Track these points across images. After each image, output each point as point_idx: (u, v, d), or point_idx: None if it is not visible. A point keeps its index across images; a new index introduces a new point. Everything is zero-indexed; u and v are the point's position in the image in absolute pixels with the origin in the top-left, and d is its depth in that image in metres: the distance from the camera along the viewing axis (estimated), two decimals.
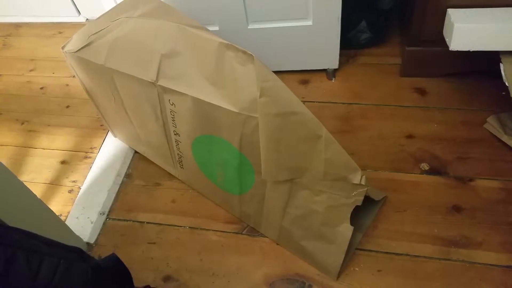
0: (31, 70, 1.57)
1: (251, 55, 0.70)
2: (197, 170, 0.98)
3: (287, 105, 0.71)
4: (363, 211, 0.93)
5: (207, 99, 0.77)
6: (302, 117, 0.71)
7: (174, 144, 0.97)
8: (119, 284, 0.64)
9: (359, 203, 0.76)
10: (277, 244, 0.96)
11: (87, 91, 1.10)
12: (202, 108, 0.80)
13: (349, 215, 0.79)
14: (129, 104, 0.98)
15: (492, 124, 1.10)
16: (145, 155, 1.16)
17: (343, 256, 0.85)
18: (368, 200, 0.87)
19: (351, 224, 0.80)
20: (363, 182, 0.73)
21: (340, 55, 1.25)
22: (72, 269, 0.55)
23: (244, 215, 0.99)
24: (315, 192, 0.80)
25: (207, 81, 0.77)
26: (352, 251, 0.92)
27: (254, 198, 0.90)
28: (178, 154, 0.99)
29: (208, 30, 0.82)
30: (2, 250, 0.51)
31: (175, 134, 0.93)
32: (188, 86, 0.80)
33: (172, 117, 0.89)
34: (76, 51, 0.93)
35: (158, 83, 0.82)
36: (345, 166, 0.73)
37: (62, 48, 0.98)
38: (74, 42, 0.96)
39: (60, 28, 1.74)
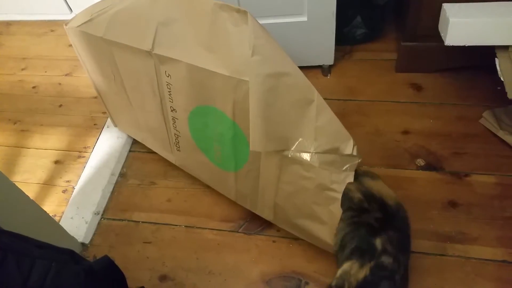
0: (23, 69, 1.55)
1: (245, 11, 0.68)
2: (195, 148, 0.97)
3: (279, 65, 0.68)
4: None
5: (200, 65, 0.76)
6: (295, 79, 0.68)
7: (171, 122, 0.96)
8: (113, 286, 0.63)
9: (351, 179, 0.73)
10: (274, 223, 0.95)
11: (88, 72, 1.10)
12: (196, 76, 0.79)
13: (340, 195, 0.75)
14: (128, 81, 0.97)
15: (487, 119, 1.10)
16: (144, 142, 1.16)
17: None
18: None
19: None
20: (355, 153, 0.70)
21: (336, 51, 1.25)
22: (64, 272, 0.54)
23: (240, 196, 0.97)
24: (305, 167, 0.77)
25: (201, 46, 0.76)
26: None
27: (250, 174, 0.88)
28: (175, 134, 0.98)
29: None
30: None
31: (172, 111, 0.92)
32: (182, 52, 0.79)
33: (169, 91, 0.88)
34: (78, 26, 0.94)
35: (153, 52, 0.82)
36: (337, 134, 0.70)
37: (65, 25, 0.99)
38: (77, 19, 0.97)
39: (52, 26, 1.72)
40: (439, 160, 1.06)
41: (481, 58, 1.07)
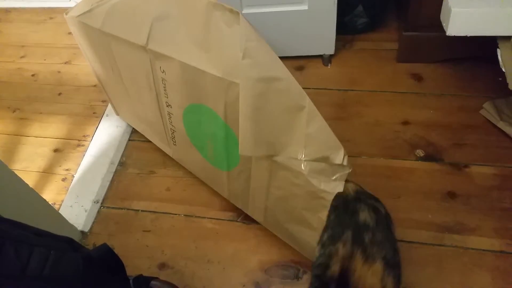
0: (21, 57, 1.54)
1: (237, 12, 0.67)
2: (189, 145, 0.96)
3: (270, 69, 0.67)
4: None
5: (193, 64, 0.75)
6: (286, 84, 0.67)
7: (167, 117, 0.95)
8: (111, 274, 0.63)
9: (340, 189, 0.71)
10: (264, 226, 0.95)
11: (88, 61, 1.09)
12: (189, 74, 0.78)
13: (329, 203, 0.72)
14: (125, 74, 0.97)
15: (488, 110, 1.09)
16: (143, 133, 1.16)
17: None
18: None
19: None
20: (345, 163, 0.69)
21: (336, 40, 1.24)
22: (63, 260, 0.55)
23: (232, 195, 0.97)
24: (294, 174, 0.75)
25: (195, 45, 0.75)
26: None
27: (241, 175, 0.87)
28: (171, 129, 0.98)
29: None
30: None
31: (167, 106, 0.92)
32: (176, 49, 0.78)
33: (164, 87, 0.87)
34: (77, 15, 0.94)
35: (148, 47, 0.81)
36: (327, 143, 0.68)
37: (66, 14, 0.99)
38: (77, 8, 0.96)
39: (51, 14, 1.70)
40: (438, 151, 1.06)
41: (482, 48, 1.05)
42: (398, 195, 0.99)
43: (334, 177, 0.71)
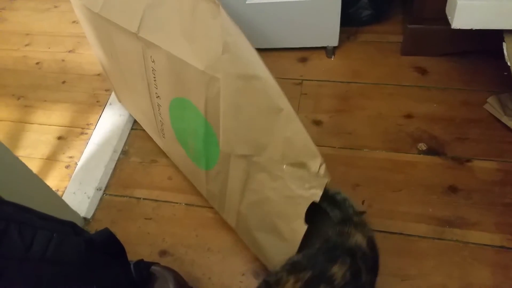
0: (26, 45, 1.55)
1: (218, 4, 0.64)
2: (174, 139, 0.95)
3: (249, 66, 0.64)
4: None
5: (178, 55, 0.73)
6: (264, 83, 0.63)
7: (157, 108, 0.94)
8: (113, 257, 0.64)
9: (317, 199, 0.66)
10: (236, 231, 0.93)
11: (93, 47, 1.09)
12: (174, 65, 0.76)
13: (304, 211, 0.69)
14: (123, 61, 0.96)
15: (492, 105, 1.09)
16: (140, 123, 1.16)
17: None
18: None
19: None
20: (321, 172, 0.64)
21: (340, 32, 1.23)
22: (65, 242, 0.55)
23: (210, 195, 0.95)
24: (273, 177, 0.72)
25: (182, 35, 0.73)
26: None
27: (219, 175, 0.86)
28: (160, 121, 0.97)
29: None
30: None
31: (157, 97, 0.90)
32: (164, 39, 0.76)
33: (154, 77, 0.86)
34: None
35: (139, 35, 0.79)
36: (304, 149, 0.65)
37: None
38: None
39: (55, 2, 1.70)
40: (441, 145, 1.06)
41: (488, 42, 1.05)
42: (399, 188, 0.99)
43: (311, 185, 0.67)
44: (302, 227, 0.70)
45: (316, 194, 0.66)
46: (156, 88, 0.88)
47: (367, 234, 0.64)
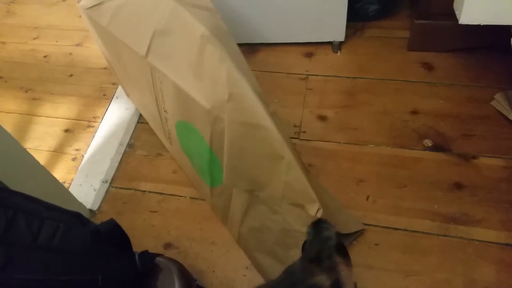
0: (34, 38, 1.56)
1: (227, 55, 0.69)
2: (181, 151, 0.98)
3: (253, 116, 0.68)
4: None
5: (185, 89, 0.76)
6: (267, 133, 0.68)
7: (164, 120, 0.97)
8: (118, 248, 0.65)
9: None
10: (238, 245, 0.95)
11: (99, 46, 1.10)
12: (181, 96, 0.79)
13: (301, 243, 0.73)
14: (130, 70, 0.98)
15: (499, 102, 1.08)
16: (147, 120, 1.17)
17: None
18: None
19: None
20: (318, 216, 0.69)
21: (347, 27, 1.22)
22: (71, 232, 0.56)
23: (215, 207, 0.98)
24: (272, 211, 0.78)
25: (189, 69, 0.76)
26: None
27: (223, 195, 0.90)
28: (168, 130, 0.99)
29: (205, 8, 0.79)
30: (3, 212, 0.52)
31: (164, 111, 0.93)
32: (172, 69, 0.79)
33: (161, 95, 0.88)
34: (87, 8, 0.94)
35: (147, 59, 0.82)
36: (303, 194, 0.70)
37: (78, 2, 0.99)
38: None
39: None
40: (447, 141, 1.05)
41: (495, 38, 1.04)
42: (404, 184, 0.99)
43: (308, 224, 0.68)
44: (299, 255, 0.73)
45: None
46: (164, 104, 0.90)
47: (334, 277, 0.62)
